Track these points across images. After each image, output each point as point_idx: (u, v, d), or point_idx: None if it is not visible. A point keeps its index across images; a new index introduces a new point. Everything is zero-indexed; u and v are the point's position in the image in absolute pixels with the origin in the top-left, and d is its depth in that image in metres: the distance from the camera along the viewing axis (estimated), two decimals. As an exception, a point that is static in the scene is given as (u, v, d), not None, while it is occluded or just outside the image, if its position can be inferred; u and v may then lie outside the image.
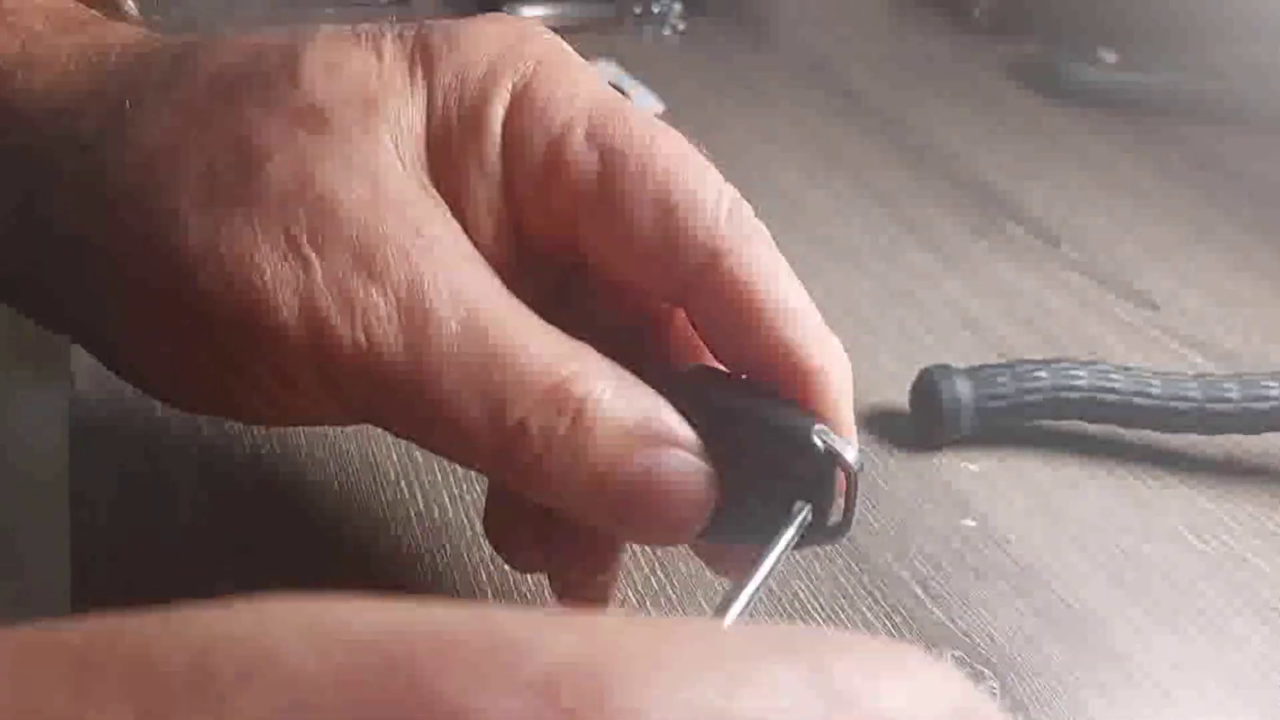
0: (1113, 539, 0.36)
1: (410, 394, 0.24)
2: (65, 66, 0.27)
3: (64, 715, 0.12)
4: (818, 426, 0.25)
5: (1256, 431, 0.39)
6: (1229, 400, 0.38)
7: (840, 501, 0.25)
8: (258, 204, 0.24)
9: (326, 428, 0.37)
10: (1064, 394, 0.38)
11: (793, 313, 0.26)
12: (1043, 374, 0.38)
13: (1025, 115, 0.66)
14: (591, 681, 0.13)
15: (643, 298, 0.28)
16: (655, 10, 0.72)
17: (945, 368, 0.39)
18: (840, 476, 0.25)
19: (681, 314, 0.28)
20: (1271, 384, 0.38)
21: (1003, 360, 0.40)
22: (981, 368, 0.39)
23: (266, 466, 0.35)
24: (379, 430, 0.38)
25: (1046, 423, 0.39)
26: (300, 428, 0.37)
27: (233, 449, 0.36)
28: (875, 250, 0.51)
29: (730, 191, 0.26)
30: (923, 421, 0.39)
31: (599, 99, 0.26)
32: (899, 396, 0.40)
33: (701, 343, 0.27)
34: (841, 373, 0.26)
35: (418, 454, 0.36)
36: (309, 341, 0.24)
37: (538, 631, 0.14)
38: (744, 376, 0.26)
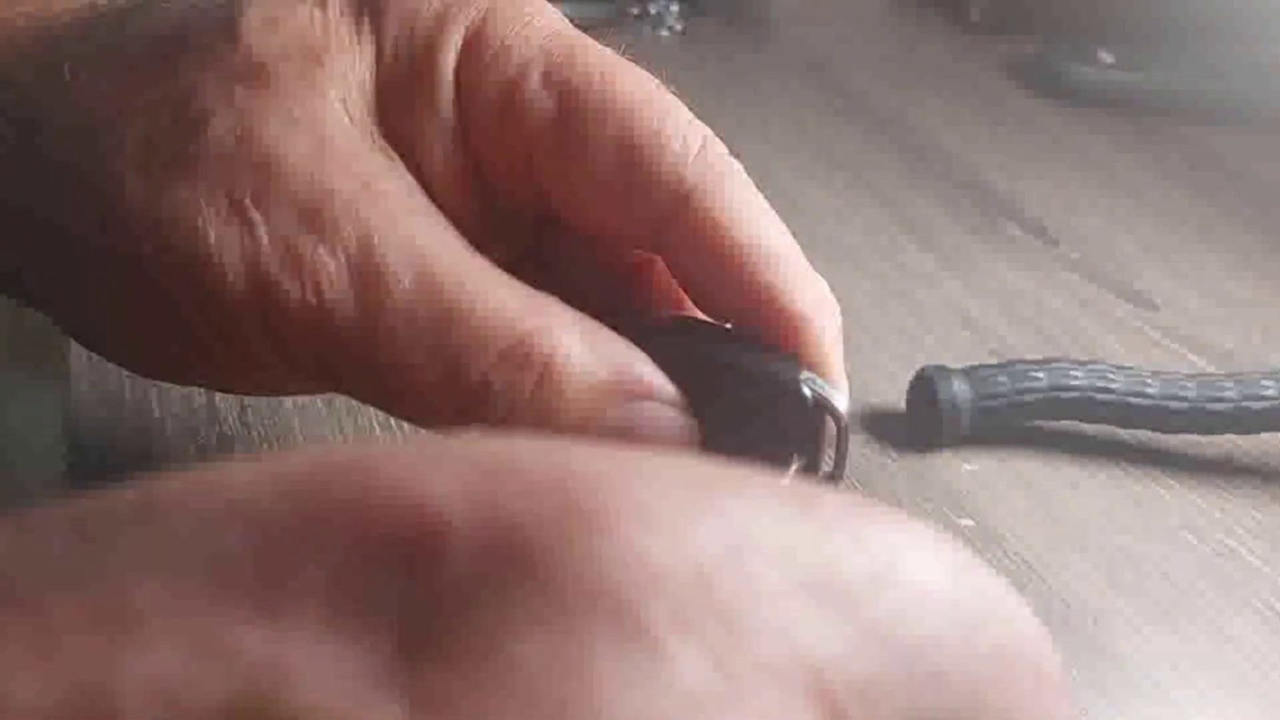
0: (1111, 538, 0.36)
1: (364, 354, 0.23)
2: (12, 37, 0.26)
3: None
4: (805, 374, 0.24)
5: (1254, 431, 0.39)
6: (1226, 400, 0.38)
7: (830, 452, 0.24)
8: (199, 167, 0.23)
9: (325, 429, 0.37)
10: (1061, 394, 0.38)
11: (773, 254, 0.25)
12: (1040, 374, 0.38)
13: (1024, 115, 0.66)
14: (550, 464, 0.12)
15: (616, 248, 0.27)
16: (652, 11, 0.72)
17: (943, 368, 0.39)
18: (830, 425, 0.24)
19: (661, 264, 0.27)
20: (1268, 384, 0.38)
21: (1000, 360, 0.40)
22: (979, 368, 0.39)
23: (264, 467, 0.35)
24: (378, 432, 0.38)
25: (1044, 422, 0.39)
26: (298, 430, 0.37)
27: (232, 450, 0.36)
28: (873, 250, 0.51)
29: (700, 129, 0.25)
30: (920, 421, 0.39)
31: (556, 38, 0.25)
32: (897, 396, 0.40)
33: (684, 293, 0.26)
34: (829, 316, 0.25)
35: (416, 454, 0.36)
36: (257, 305, 0.23)
37: (495, 437, 0.13)
38: (727, 325, 0.25)
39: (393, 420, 0.37)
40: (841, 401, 0.24)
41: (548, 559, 0.11)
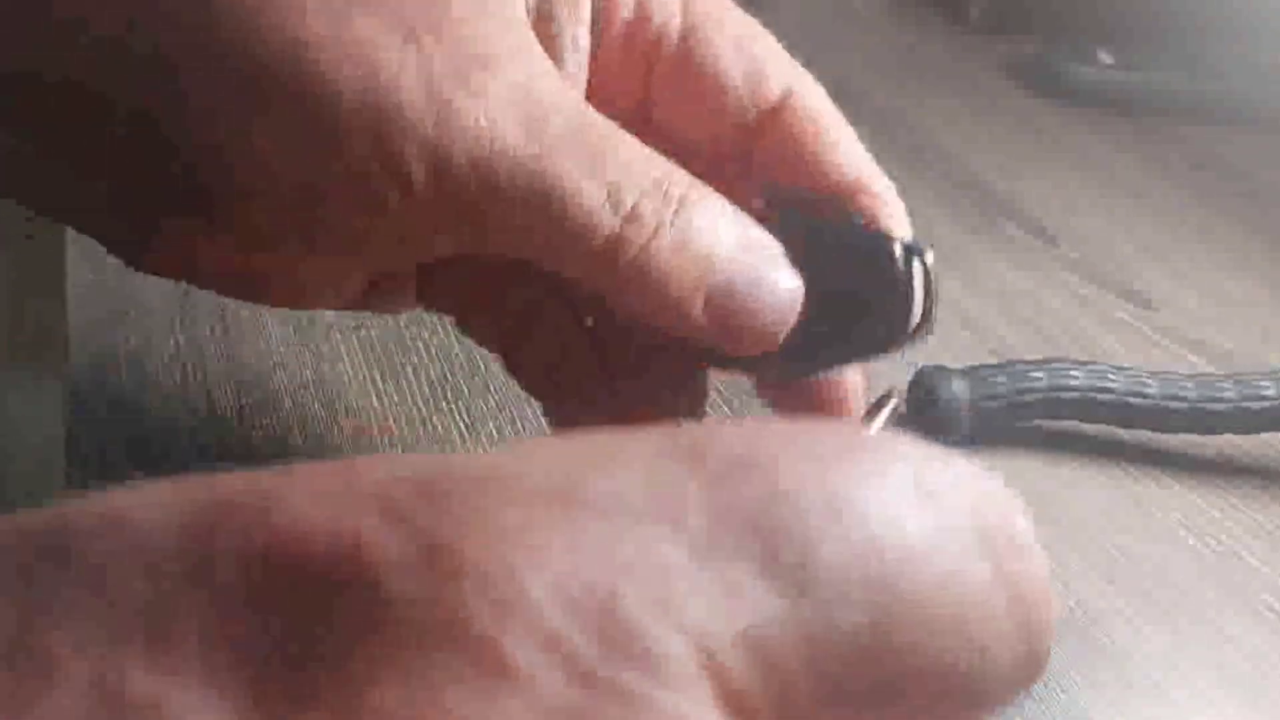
0: (1110, 538, 0.36)
1: (527, 178, 0.25)
2: None
3: None
4: (894, 230, 0.27)
5: (1253, 431, 0.39)
6: (1225, 400, 0.38)
7: (922, 302, 0.27)
8: (376, 2, 0.25)
9: (323, 429, 0.37)
10: (1061, 394, 0.38)
11: (854, 147, 0.29)
12: (1039, 374, 0.38)
13: (1023, 115, 0.66)
14: (430, 487, 0.12)
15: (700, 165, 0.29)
16: (653, 10, 0.72)
17: (942, 368, 0.39)
18: (919, 276, 0.27)
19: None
20: (1267, 384, 0.38)
21: (1000, 360, 0.40)
22: (978, 368, 0.39)
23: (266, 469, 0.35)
24: (376, 434, 0.38)
25: (1043, 423, 0.39)
26: (296, 430, 0.37)
27: (232, 451, 0.36)
28: (873, 250, 0.51)
29: None
30: (919, 422, 0.39)
31: None
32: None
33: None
34: (898, 198, 0.29)
35: (415, 454, 0.36)
36: (430, 122, 0.25)
37: (386, 459, 0.13)
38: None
39: (391, 421, 0.37)
40: (930, 253, 0.27)
41: (403, 597, 0.11)
